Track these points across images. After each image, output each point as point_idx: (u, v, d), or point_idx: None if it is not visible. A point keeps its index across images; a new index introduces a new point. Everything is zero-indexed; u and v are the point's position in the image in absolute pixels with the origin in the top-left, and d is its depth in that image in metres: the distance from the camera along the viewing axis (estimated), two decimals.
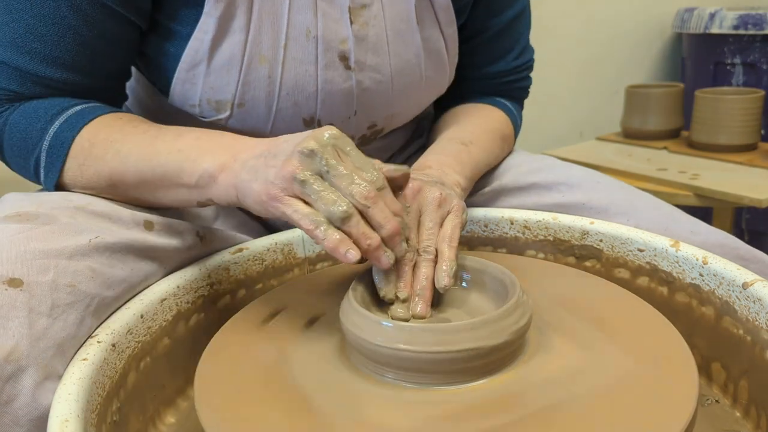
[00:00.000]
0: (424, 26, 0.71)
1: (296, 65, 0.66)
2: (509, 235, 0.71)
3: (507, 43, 0.81)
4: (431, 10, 0.72)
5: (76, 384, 0.44)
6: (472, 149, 0.73)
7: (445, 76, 0.77)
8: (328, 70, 0.68)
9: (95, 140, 0.60)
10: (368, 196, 0.49)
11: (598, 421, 0.42)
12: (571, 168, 0.77)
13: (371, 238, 0.49)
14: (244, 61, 0.65)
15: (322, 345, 0.52)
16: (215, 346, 0.53)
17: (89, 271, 0.51)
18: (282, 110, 0.68)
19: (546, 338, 0.51)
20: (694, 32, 1.94)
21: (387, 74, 0.71)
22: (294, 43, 0.66)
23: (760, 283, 0.52)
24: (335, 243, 0.48)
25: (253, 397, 0.46)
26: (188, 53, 0.65)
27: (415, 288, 0.52)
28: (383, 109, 0.73)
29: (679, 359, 0.48)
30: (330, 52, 0.67)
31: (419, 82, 0.74)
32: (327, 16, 0.66)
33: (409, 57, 0.71)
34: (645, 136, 1.75)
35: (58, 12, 0.59)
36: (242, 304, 0.60)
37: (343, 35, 0.67)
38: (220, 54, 0.64)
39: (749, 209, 1.77)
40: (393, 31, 0.69)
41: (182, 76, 0.66)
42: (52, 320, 0.46)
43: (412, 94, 0.75)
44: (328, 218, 0.49)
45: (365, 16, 0.67)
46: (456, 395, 0.45)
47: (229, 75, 0.65)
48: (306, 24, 0.65)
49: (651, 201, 0.72)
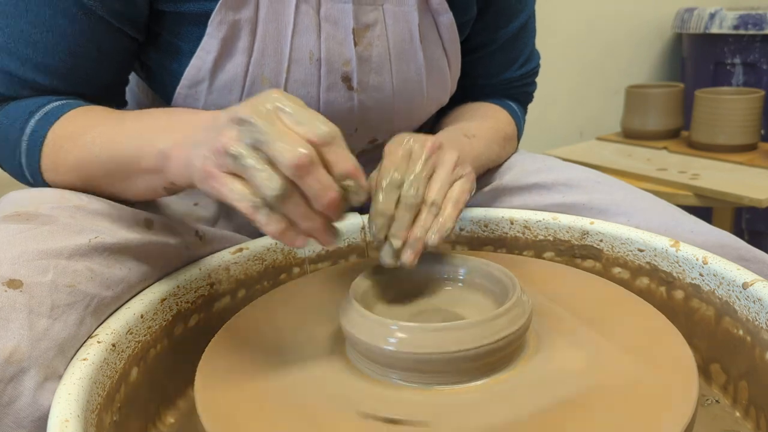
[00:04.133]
0: (427, 45, 0.71)
1: (298, 87, 0.66)
2: (509, 235, 0.71)
3: (513, 53, 0.81)
4: (434, 28, 0.71)
5: (76, 384, 0.44)
6: (474, 142, 0.73)
7: (446, 91, 0.77)
8: (330, 92, 0.67)
9: (64, 133, 0.58)
10: (298, 164, 0.41)
11: (598, 421, 0.42)
12: (571, 168, 0.77)
13: (312, 220, 0.44)
14: (247, 81, 0.65)
15: (322, 345, 0.52)
16: (215, 346, 0.53)
17: (88, 271, 0.51)
18: None
19: (546, 338, 0.51)
20: (694, 32, 1.94)
21: (389, 93, 0.71)
22: (297, 65, 0.65)
23: (760, 283, 0.52)
24: (279, 230, 0.43)
25: (252, 397, 0.46)
26: (190, 71, 0.64)
27: (410, 236, 0.51)
28: (384, 125, 0.73)
29: (679, 359, 0.48)
30: (333, 74, 0.67)
31: (421, 99, 0.74)
32: (330, 38, 0.66)
33: (411, 75, 0.71)
34: (645, 136, 1.75)
35: (54, 21, 0.59)
36: (242, 304, 0.60)
37: (346, 57, 0.67)
38: (222, 74, 0.64)
39: (749, 209, 1.77)
40: (396, 51, 0.69)
41: (184, 92, 0.66)
42: (52, 321, 0.46)
43: (414, 110, 0.75)
44: (263, 200, 0.43)
45: (369, 37, 0.67)
46: (456, 395, 0.45)
47: (231, 94, 0.65)
48: (309, 46, 0.65)
49: (651, 201, 0.72)
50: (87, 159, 0.57)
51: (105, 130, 0.57)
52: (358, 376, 0.48)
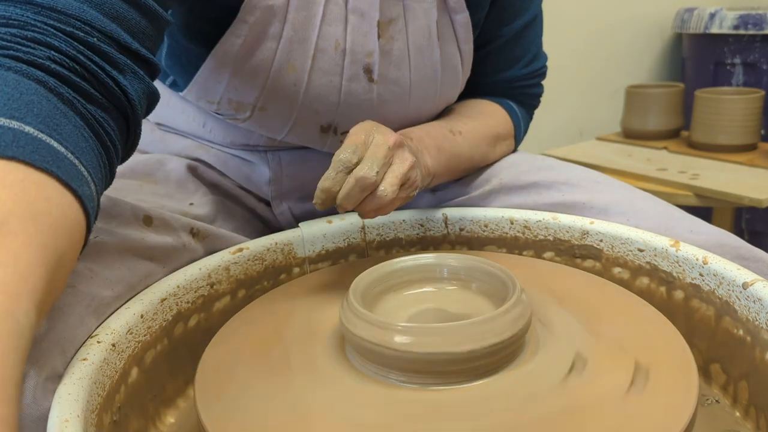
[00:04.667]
0: (444, 42, 0.72)
1: (322, 75, 0.67)
2: (509, 235, 0.71)
3: (518, 51, 0.81)
4: (450, 26, 0.72)
5: (76, 384, 0.44)
6: (458, 140, 0.73)
7: (457, 90, 0.78)
8: (352, 82, 0.68)
9: None
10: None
11: (598, 421, 0.42)
12: (571, 168, 0.77)
13: None
14: (273, 68, 0.65)
15: (322, 345, 0.52)
16: (215, 346, 0.53)
17: (88, 271, 0.51)
18: (301, 116, 0.68)
19: (545, 338, 0.51)
20: (694, 32, 1.94)
21: (406, 87, 0.72)
22: (322, 54, 0.66)
23: (760, 282, 0.52)
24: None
25: (252, 397, 0.46)
26: (216, 54, 0.64)
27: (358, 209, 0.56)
28: (397, 120, 0.74)
29: (679, 359, 0.48)
30: (355, 64, 0.68)
31: (434, 96, 0.75)
32: (356, 30, 0.67)
33: (427, 72, 0.72)
34: (645, 136, 1.75)
35: None
36: (242, 304, 0.60)
37: (369, 48, 0.68)
38: (251, 59, 0.64)
39: (749, 209, 1.77)
40: (415, 46, 0.70)
41: (206, 74, 0.66)
42: (53, 322, 0.46)
43: (425, 107, 0.76)
44: None
45: (391, 30, 0.68)
46: (455, 395, 0.45)
47: (256, 80, 0.65)
48: (335, 36, 0.66)
49: (651, 201, 0.72)
50: None
51: None
52: (357, 376, 0.48)
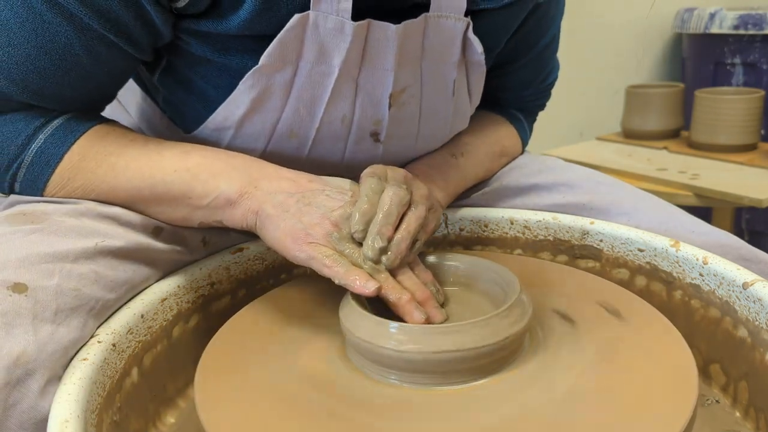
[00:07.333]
0: (458, 96, 0.69)
1: (326, 142, 0.65)
2: (509, 235, 0.71)
3: (537, 69, 0.80)
4: (465, 82, 0.69)
5: (76, 384, 0.44)
6: (462, 162, 0.72)
7: (466, 122, 0.75)
8: (357, 144, 0.66)
9: (87, 153, 0.57)
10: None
11: (598, 421, 0.42)
12: (572, 169, 0.77)
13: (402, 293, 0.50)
14: (274, 134, 0.63)
15: (322, 345, 0.52)
16: (216, 346, 0.53)
17: (93, 274, 0.51)
18: (304, 169, 0.63)
19: (546, 338, 0.51)
20: (694, 32, 1.94)
21: (413, 140, 0.69)
22: (328, 126, 0.64)
23: (760, 283, 0.52)
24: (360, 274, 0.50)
25: (253, 398, 0.46)
26: (216, 118, 0.63)
27: (395, 236, 0.52)
28: (404, 161, 0.72)
29: (679, 359, 0.48)
30: (362, 131, 0.65)
31: (442, 138, 0.73)
32: (366, 103, 0.64)
33: (438, 124, 0.70)
34: (645, 136, 1.75)
35: (69, 49, 0.54)
36: (243, 304, 0.60)
37: (378, 117, 0.65)
38: (249, 126, 0.62)
39: (749, 209, 1.77)
40: (427, 106, 0.67)
41: (206, 132, 0.64)
42: (56, 326, 0.46)
43: (432, 146, 0.74)
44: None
45: (404, 97, 0.65)
46: (456, 395, 0.45)
47: (257, 143, 0.64)
48: (343, 111, 0.63)
49: (652, 201, 0.72)
50: (113, 183, 0.57)
51: (141, 155, 0.58)
52: (358, 376, 0.48)
